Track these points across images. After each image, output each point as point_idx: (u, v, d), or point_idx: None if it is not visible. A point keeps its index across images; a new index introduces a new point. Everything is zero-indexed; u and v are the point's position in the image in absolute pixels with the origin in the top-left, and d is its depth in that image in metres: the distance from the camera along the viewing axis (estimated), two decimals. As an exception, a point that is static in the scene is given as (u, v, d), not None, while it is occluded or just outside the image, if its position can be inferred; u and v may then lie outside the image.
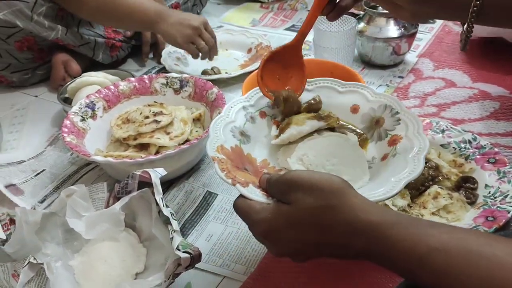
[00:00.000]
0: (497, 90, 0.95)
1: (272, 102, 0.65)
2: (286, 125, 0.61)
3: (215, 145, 0.56)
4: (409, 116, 0.60)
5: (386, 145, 0.60)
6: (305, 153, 0.57)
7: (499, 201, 0.66)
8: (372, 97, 0.64)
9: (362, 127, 0.64)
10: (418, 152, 0.54)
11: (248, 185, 0.51)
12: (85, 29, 1.11)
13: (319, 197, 0.45)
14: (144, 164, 0.72)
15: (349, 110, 0.65)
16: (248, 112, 0.64)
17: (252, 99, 0.65)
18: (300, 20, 1.38)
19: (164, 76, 0.92)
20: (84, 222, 0.66)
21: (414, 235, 0.41)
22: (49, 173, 0.86)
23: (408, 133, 0.58)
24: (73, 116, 0.82)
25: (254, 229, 0.49)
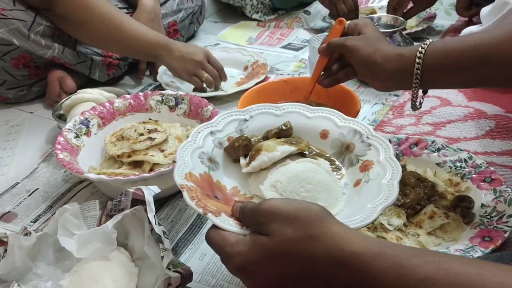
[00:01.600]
0: (492, 109, 0.95)
1: None
2: (256, 152, 0.59)
3: (183, 172, 0.54)
4: (379, 141, 0.60)
5: (358, 171, 0.59)
6: (278, 179, 0.56)
7: (495, 220, 0.66)
8: (341, 122, 0.64)
9: (332, 152, 0.64)
10: (391, 177, 0.54)
11: (221, 214, 0.49)
12: (83, 47, 1.11)
13: (297, 228, 0.43)
14: (137, 181, 0.71)
15: (319, 136, 0.65)
16: (216, 137, 0.62)
17: (219, 124, 0.63)
18: (297, 38, 1.40)
19: (159, 93, 0.92)
20: (75, 240, 0.65)
21: (399, 266, 0.39)
22: (42, 192, 0.85)
23: (380, 158, 0.58)
24: (67, 133, 0.82)
25: (229, 263, 0.46)
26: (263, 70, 1.15)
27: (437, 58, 0.65)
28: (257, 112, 0.66)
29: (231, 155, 0.61)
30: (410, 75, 0.67)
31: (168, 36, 1.28)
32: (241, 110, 0.66)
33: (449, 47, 0.65)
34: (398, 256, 0.40)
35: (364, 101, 1.02)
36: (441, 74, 0.66)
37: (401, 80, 0.68)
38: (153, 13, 1.18)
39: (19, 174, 0.91)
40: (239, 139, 0.61)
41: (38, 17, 1.02)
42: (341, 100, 0.92)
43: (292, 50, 1.32)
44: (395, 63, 0.68)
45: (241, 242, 0.46)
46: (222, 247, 0.47)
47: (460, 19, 1.40)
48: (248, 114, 0.65)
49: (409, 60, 0.66)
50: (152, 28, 1.16)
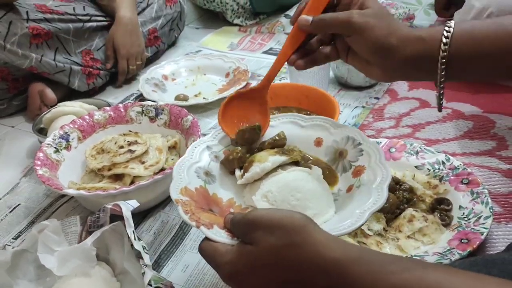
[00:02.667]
0: (470, 109, 0.96)
1: (232, 139, 0.64)
2: (249, 163, 0.60)
3: (178, 188, 0.55)
4: (371, 146, 0.60)
5: (350, 176, 0.60)
6: (270, 189, 0.57)
7: (473, 222, 0.67)
8: (335, 129, 0.64)
9: (326, 159, 0.64)
10: (381, 182, 0.54)
11: (213, 227, 0.50)
12: (62, 57, 1.11)
13: (280, 236, 0.44)
14: (117, 195, 0.71)
15: (313, 144, 0.65)
16: (212, 151, 0.63)
17: (216, 139, 0.64)
18: (278, 42, 1.40)
19: (139, 104, 0.92)
20: (56, 257, 0.64)
21: (375, 272, 0.40)
22: (24, 207, 0.85)
23: (371, 163, 0.58)
24: (46, 148, 0.82)
25: (219, 272, 0.48)
26: (244, 77, 1.15)
27: (467, 42, 0.54)
28: None
29: (227, 168, 0.62)
30: (431, 63, 0.55)
31: (149, 44, 1.29)
32: None
33: (481, 29, 0.55)
34: (374, 262, 0.41)
35: (344, 105, 1.03)
36: (472, 62, 0.55)
37: (419, 69, 0.57)
38: (131, 25, 1.19)
39: (0, 189, 0.90)
40: (233, 152, 0.62)
41: (12, 27, 1.01)
42: (320, 105, 0.92)
43: (274, 55, 1.32)
44: (414, 47, 0.55)
45: (230, 252, 0.47)
46: (212, 257, 0.48)
47: (439, 19, 1.41)
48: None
49: (432, 45, 0.55)
50: (131, 39, 1.17)
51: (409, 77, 0.62)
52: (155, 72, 1.22)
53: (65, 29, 1.10)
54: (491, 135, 0.88)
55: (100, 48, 1.19)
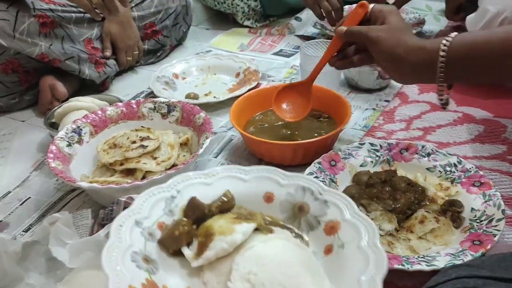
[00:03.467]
0: (481, 113, 0.96)
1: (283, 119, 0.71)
2: (206, 237, 0.49)
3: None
4: (336, 196, 0.54)
5: (323, 234, 0.53)
6: (250, 270, 0.46)
7: (485, 224, 0.67)
8: (284, 180, 0.57)
9: (283, 217, 0.56)
10: (369, 237, 0.48)
11: None
12: (69, 46, 1.11)
13: None
14: (130, 189, 0.71)
15: (263, 200, 0.57)
16: (144, 227, 0.50)
17: (143, 209, 0.51)
18: (289, 44, 1.40)
19: (151, 101, 0.92)
20: (68, 250, 0.65)
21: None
22: (34, 200, 0.85)
23: (345, 216, 0.52)
24: (59, 142, 0.82)
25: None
26: (254, 77, 1.16)
27: (463, 50, 0.63)
28: (183, 184, 0.56)
29: (170, 247, 0.50)
30: (434, 69, 0.65)
31: (148, 37, 1.30)
32: (164, 185, 0.55)
33: (476, 39, 0.64)
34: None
35: (355, 107, 1.03)
36: (467, 67, 0.64)
37: (425, 74, 0.67)
38: (124, 17, 1.20)
39: (10, 183, 0.90)
40: (178, 225, 0.51)
41: (20, 15, 1.02)
42: (333, 106, 0.93)
43: (284, 57, 1.33)
44: (418, 56, 0.66)
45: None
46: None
47: (448, 24, 1.42)
48: (174, 189, 0.55)
49: (432, 53, 0.64)
50: (126, 32, 1.19)
51: (418, 81, 0.75)
52: (165, 70, 1.22)
53: (68, 18, 1.12)
54: (502, 139, 0.88)
55: (99, 37, 1.20)
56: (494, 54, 0.62)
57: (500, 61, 0.62)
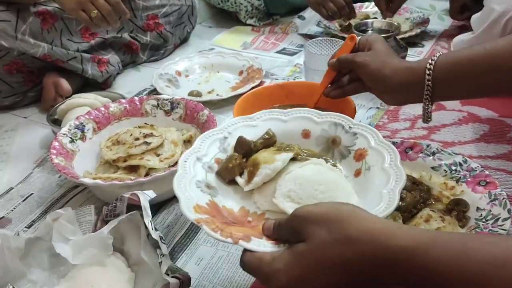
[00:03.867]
0: (486, 113, 0.96)
1: None
2: (253, 167, 0.58)
3: (191, 207, 0.51)
4: (363, 128, 0.61)
5: (353, 161, 0.60)
6: (290, 188, 0.54)
7: (491, 224, 0.66)
8: (319, 118, 0.65)
9: (319, 150, 0.64)
10: (391, 160, 0.56)
11: (251, 238, 0.47)
12: (66, 39, 1.11)
13: (332, 230, 0.41)
14: (133, 186, 0.71)
15: (301, 137, 0.65)
16: (204, 162, 0.59)
17: (202, 148, 0.60)
18: (292, 43, 1.40)
19: (155, 97, 0.92)
20: (71, 246, 0.64)
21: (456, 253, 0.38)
22: (37, 197, 0.85)
23: (371, 144, 0.59)
24: (62, 138, 0.81)
25: (270, 283, 0.44)
26: (258, 75, 1.15)
27: (448, 68, 0.66)
28: (234, 127, 0.64)
29: (226, 177, 0.59)
30: (420, 88, 0.68)
31: (150, 28, 1.28)
32: (218, 129, 0.64)
33: (459, 56, 0.67)
34: (451, 243, 0.39)
35: (359, 106, 1.02)
36: (452, 84, 0.67)
37: (411, 93, 0.69)
38: None
39: (13, 179, 0.90)
40: (231, 159, 0.59)
41: (21, 14, 1.02)
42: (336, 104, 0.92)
43: (287, 55, 1.33)
44: (404, 75, 0.69)
45: (278, 258, 0.43)
46: (259, 268, 0.44)
47: (453, 24, 1.41)
48: (226, 131, 0.63)
49: (419, 72, 0.67)
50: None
51: (405, 100, 0.73)
52: (168, 67, 1.22)
53: None
54: (507, 139, 0.87)
55: None
56: (477, 71, 0.65)
57: (482, 77, 0.65)
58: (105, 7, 0.98)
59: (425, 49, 1.27)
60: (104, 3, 0.98)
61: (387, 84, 0.70)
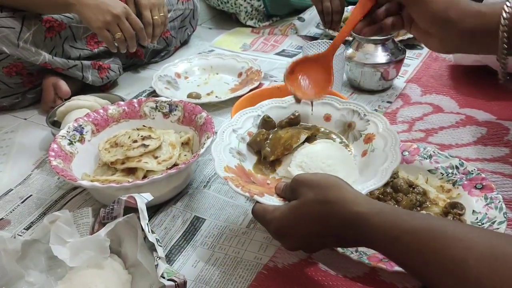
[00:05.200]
0: (483, 116, 0.96)
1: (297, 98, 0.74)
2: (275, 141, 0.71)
3: (222, 166, 0.64)
4: (376, 117, 0.72)
5: (362, 143, 0.71)
6: (303, 160, 0.67)
7: (486, 227, 0.66)
8: (340, 105, 0.76)
9: (337, 131, 0.75)
10: (392, 144, 0.65)
11: (264, 195, 0.60)
12: (68, 46, 1.11)
13: (318, 193, 0.53)
14: (130, 188, 0.71)
15: (323, 119, 0.76)
16: (238, 134, 0.72)
17: (239, 122, 0.74)
18: (291, 44, 1.40)
19: (153, 100, 0.92)
20: (68, 249, 0.65)
21: (390, 221, 0.47)
22: (36, 198, 0.85)
23: (379, 130, 0.69)
24: (61, 140, 0.82)
25: (268, 227, 0.58)
26: (257, 77, 1.16)
27: None
28: (267, 107, 0.77)
29: (254, 148, 0.72)
30: (491, 37, 0.58)
31: None
32: (254, 107, 0.76)
33: None
34: (393, 214, 0.48)
35: (357, 108, 1.03)
36: None
37: (479, 42, 0.60)
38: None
39: (12, 180, 0.91)
40: (259, 134, 0.72)
41: (26, 22, 1.02)
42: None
43: (286, 57, 1.33)
44: (474, 22, 0.59)
45: (277, 210, 0.57)
46: (263, 216, 0.58)
47: None
48: (260, 110, 0.76)
49: (492, 19, 0.58)
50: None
51: (467, 50, 0.64)
52: (168, 69, 1.22)
53: (77, 18, 1.10)
54: (505, 142, 0.88)
55: None
56: None
57: None
58: (130, 31, 1.02)
59: (424, 51, 1.27)
60: (129, 27, 1.02)
61: (450, 30, 0.60)
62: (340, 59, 1.00)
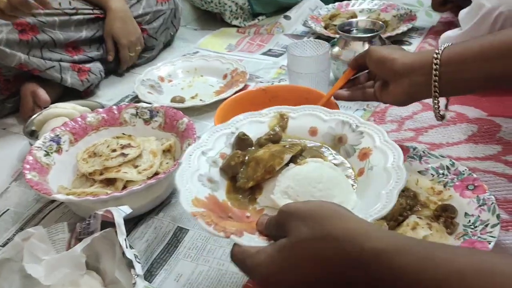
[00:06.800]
0: (474, 112, 0.93)
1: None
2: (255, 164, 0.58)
3: (189, 200, 0.51)
4: (370, 127, 0.61)
5: (357, 160, 0.60)
6: (288, 185, 0.55)
7: (479, 230, 0.64)
8: (327, 116, 0.65)
9: None
10: (395, 160, 0.55)
11: (243, 233, 0.48)
12: (48, 51, 1.08)
13: (313, 226, 0.42)
14: (109, 201, 0.68)
15: (308, 134, 0.65)
16: (208, 157, 0.60)
17: (209, 142, 0.61)
18: (277, 44, 1.37)
19: (133, 106, 0.89)
20: (43, 266, 0.62)
21: (423, 260, 0.37)
22: (13, 213, 0.82)
23: (376, 144, 0.59)
24: (36, 152, 0.79)
25: (252, 276, 0.46)
26: (242, 78, 1.13)
27: (456, 52, 0.63)
28: (242, 123, 0.65)
29: (228, 174, 0.59)
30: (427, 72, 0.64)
31: None
32: (226, 124, 0.64)
33: (467, 43, 0.65)
34: (420, 249, 0.38)
35: (345, 108, 1.00)
36: (462, 70, 0.63)
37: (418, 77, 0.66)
38: (125, 14, 1.20)
39: (-10, 197, 0.87)
40: (234, 157, 0.60)
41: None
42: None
43: (272, 57, 1.30)
44: (412, 57, 0.67)
45: (261, 252, 0.44)
46: (243, 261, 0.46)
47: (440, 20, 1.39)
48: (234, 126, 0.64)
49: (427, 55, 0.65)
50: (128, 28, 1.20)
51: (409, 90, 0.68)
52: (151, 73, 1.19)
53: (51, 22, 1.08)
54: (496, 139, 0.85)
55: (88, 39, 1.17)
56: (486, 55, 0.62)
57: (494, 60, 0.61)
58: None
59: (412, 47, 1.24)
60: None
61: (394, 67, 0.67)
62: (324, 58, 0.98)
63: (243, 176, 0.58)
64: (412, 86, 0.67)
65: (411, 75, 0.67)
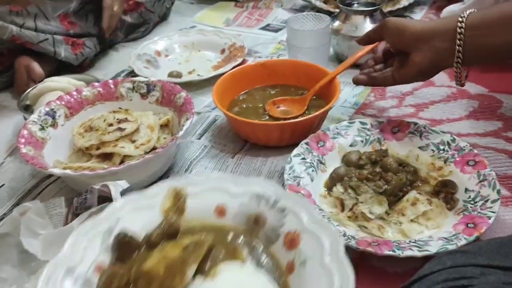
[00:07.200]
0: (475, 88, 0.92)
1: None
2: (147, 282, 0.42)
3: None
4: (293, 201, 0.46)
5: (283, 250, 0.45)
6: None
7: (479, 206, 0.63)
8: (237, 188, 0.49)
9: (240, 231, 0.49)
10: (333, 249, 0.41)
11: None
12: (42, 23, 1.05)
13: None
14: (106, 176, 0.67)
15: (214, 215, 0.49)
16: (77, 275, 0.42)
17: (76, 251, 0.44)
18: (276, 18, 1.34)
19: (130, 80, 0.87)
20: (40, 241, 0.61)
21: None
22: (8, 188, 0.81)
23: (305, 224, 0.44)
24: (31, 126, 0.77)
25: None
26: (240, 53, 1.11)
27: (479, 18, 0.63)
28: (123, 212, 0.49)
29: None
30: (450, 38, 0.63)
31: (130, 8, 1.23)
32: (103, 216, 0.49)
33: (486, 10, 0.64)
34: None
35: (344, 83, 0.99)
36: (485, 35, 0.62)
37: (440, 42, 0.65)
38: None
39: (-15, 172, 0.86)
40: (116, 274, 0.43)
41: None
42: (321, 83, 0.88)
43: (271, 32, 1.27)
44: (433, 22, 0.68)
45: None
46: None
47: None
48: (111, 219, 0.48)
49: (451, 21, 0.64)
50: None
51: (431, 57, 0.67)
52: (147, 47, 1.16)
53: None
54: (497, 115, 0.84)
55: (77, 11, 1.13)
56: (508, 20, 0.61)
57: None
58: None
59: (414, 22, 1.22)
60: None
61: (415, 33, 0.66)
62: (325, 33, 0.96)
63: None
64: (435, 52, 0.66)
65: (434, 40, 0.65)
